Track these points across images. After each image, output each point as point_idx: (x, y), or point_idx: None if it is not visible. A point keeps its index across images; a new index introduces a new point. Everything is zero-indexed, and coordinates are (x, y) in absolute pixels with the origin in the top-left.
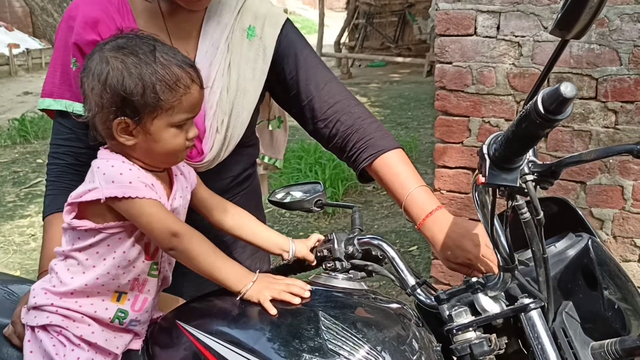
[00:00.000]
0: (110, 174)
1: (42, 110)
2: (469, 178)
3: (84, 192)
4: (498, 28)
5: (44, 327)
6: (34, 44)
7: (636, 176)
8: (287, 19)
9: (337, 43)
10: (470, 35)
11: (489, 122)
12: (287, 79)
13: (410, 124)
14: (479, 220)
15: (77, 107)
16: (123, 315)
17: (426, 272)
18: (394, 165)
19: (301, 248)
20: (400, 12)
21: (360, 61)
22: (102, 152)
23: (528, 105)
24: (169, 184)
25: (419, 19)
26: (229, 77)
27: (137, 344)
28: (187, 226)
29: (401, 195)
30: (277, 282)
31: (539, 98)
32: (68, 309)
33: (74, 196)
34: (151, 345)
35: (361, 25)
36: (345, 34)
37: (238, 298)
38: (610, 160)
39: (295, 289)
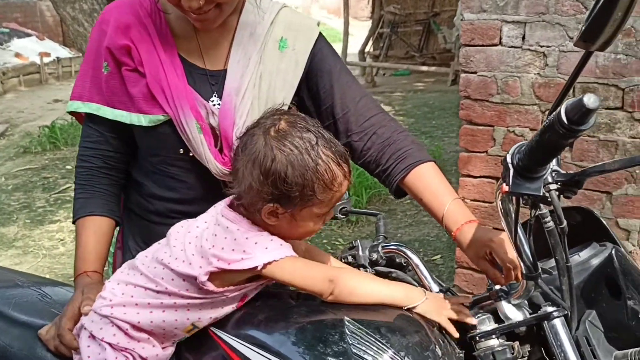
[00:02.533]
0: (261, 244)
1: (71, 113)
2: (493, 187)
3: (233, 260)
4: (523, 38)
5: (110, 345)
6: (64, 52)
7: None
8: (320, 33)
9: (362, 52)
10: (496, 45)
11: (513, 131)
12: (320, 92)
13: (434, 132)
14: (503, 230)
15: (105, 111)
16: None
17: (450, 281)
18: (430, 177)
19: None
20: (425, 21)
21: (384, 70)
22: (244, 224)
23: (552, 115)
24: None
25: (443, 28)
26: (260, 88)
27: None
28: (337, 268)
29: (438, 208)
30: (446, 305)
31: (563, 109)
32: (141, 330)
33: (220, 260)
34: (181, 349)
35: (386, 34)
36: (370, 42)
37: (406, 308)
38: (637, 171)
39: (463, 317)
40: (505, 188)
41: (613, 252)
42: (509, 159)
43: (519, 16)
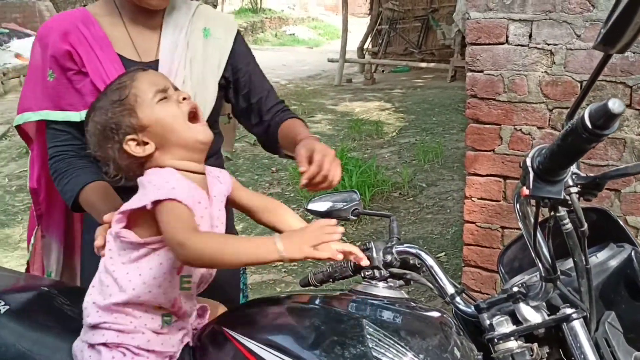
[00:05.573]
0: (158, 182)
1: (17, 126)
2: (500, 186)
3: (133, 201)
4: (530, 36)
5: (103, 344)
6: None
7: None
8: (238, 29)
9: (360, 49)
10: (502, 43)
11: (520, 130)
12: (240, 79)
13: (435, 129)
14: (518, 229)
15: (55, 115)
16: (169, 318)
17: (455, 279)
18: (295, 123)
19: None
20: (423, 18)
21: (383, 67)
22: (152, 170)
23: (574, 119)
24: (207, 190)
25: (442, 24)
26: (191, 70)
27: (189, 338)
28: (194, 232)
29: (294, 137)
30: (305, 235)
31: (586, 113)
32: (120, 324)
33: (124, 207)
34: (198, 352)
35: (384, 30)
36: (369, 39)
37: (278, 258)
38: None
39: (325, 237)
40: (526, 191)
41: (633, 253)
42: (528, 162)
43: (525, 14)
